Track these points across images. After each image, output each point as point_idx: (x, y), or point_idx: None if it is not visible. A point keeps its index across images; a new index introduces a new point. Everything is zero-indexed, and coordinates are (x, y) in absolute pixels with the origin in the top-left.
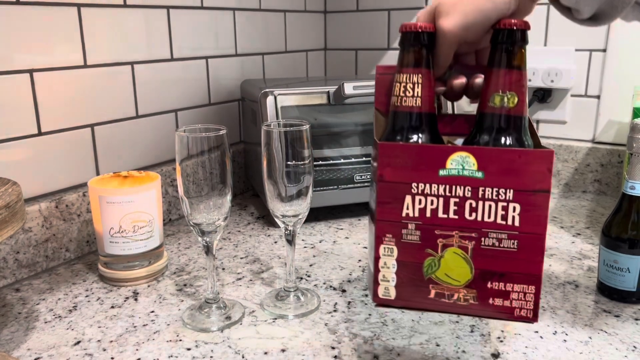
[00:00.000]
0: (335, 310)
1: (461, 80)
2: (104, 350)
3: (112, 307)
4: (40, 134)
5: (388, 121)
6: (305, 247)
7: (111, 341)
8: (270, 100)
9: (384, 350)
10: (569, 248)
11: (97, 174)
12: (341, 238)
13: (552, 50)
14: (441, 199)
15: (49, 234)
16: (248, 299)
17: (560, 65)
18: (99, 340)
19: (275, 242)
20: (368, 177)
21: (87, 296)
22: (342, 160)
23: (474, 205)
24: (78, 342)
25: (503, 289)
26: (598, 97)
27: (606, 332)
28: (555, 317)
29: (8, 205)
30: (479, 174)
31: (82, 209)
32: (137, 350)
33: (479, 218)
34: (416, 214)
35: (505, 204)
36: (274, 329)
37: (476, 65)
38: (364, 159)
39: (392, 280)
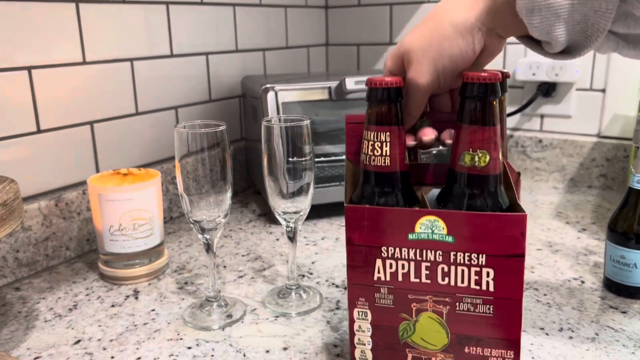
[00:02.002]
0: (337, 308)
1: (430, 137)
2: (104, 349)
3: (113, 305)
4: (39, 131)
5: (359, 175)
6: (307, 244)
7: (111, 340)
8: (271, 96)
9: None
10: (575, 244)
11: (97, 171)
12: (343, 235)
13: None
14: (412, 263)
15: (49, 233)
16: (249, 297)
17: None
18: (99, 339)
19: (277, 240)
20: None
21: (87, 295)
22: (343, 157)
23: (446, 269)
24: (78, 341)
25: (481, 354)
26: (603, 90)
27: (613, 329)
28: (561, 314)
29: (5, 203)
30: (450, 239)
31: (82, 207)
32: (137, 349)
33: (452, 283)
34: (388, 278)
35: (478, 268)
36: (275, 327)
37: (449, 112)
38: None
39: (367, 343)
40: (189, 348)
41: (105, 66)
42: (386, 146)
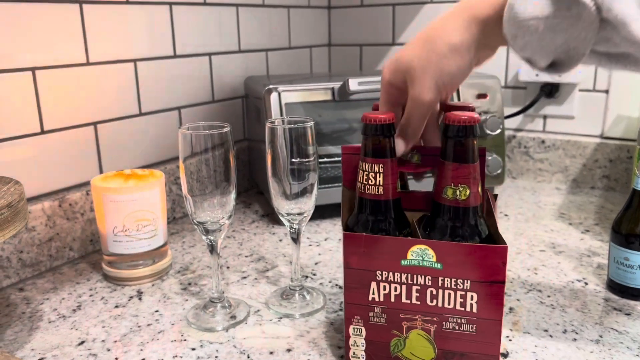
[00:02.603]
0: (341, 310)
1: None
2: (108, 350)
3: (116, 306)
4: (42, 132)
5: (354, 201)
6: (310, 245)
7: (115, 341)
8: (274, 96)
9: None
10: (578, 245)
11: (101, 172)
12: None
13: None
14: (404, 286)
15: (53, 233)
16: (253, 298)
17: None
18: (103, 340)
19: (280, 240)
20: None
21: (91, 295)
22: None
23: (434, 292)
24: (82, 342)
25: None
26: (606, 91)
27: (617, 331)
28: (564, 315)
29: (10, 205)
30: (438, 265)
31: (86, 208)
32: (141, 350)
33: (440, 304)
34: (381, 299)
35: (463, 292)
36: (279, 328)
37: (439, 146)
38: None
39: (361, 357)
40: (193, 349)
41: (109, 67)
42: (380, 176)
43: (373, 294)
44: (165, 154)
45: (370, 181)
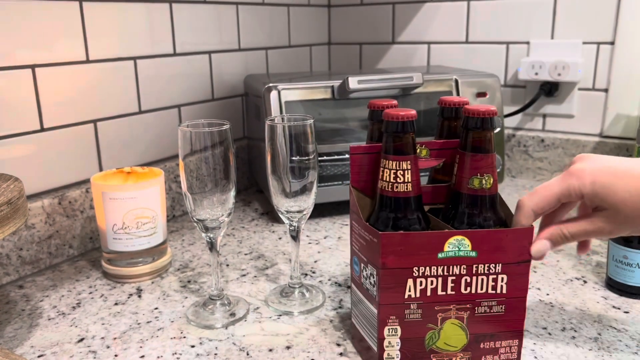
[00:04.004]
0: (340, 307)
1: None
2: (108, 347)
3: (116, 304)
4: (42, 129)
5: (374, 202)
6: (309, 243)
7: (115, 338)
8: (274, 95)
9: None
10: (577, 243)
11: (100, 170)
12: (346, 234)
13: (559, 43)
14: (440, 279)
15: (52, 231)
16: (252, 296)
17: (568, 59)
18: (102, 337)
19: (280, 238)
20: None
21: (90, 293)
22: (346, 156)
23: (468, 280)
24: (82, 339)
25: (493, 346)
26: (606, 90)
27: (615, 329)
28: (563, 313)
29: (10, 202)
30: (473, 253)
31: (85, 206)
32: (140, 347)
33: (473, 291)
34: (418, 295)
35: (495, 276)
36: (278, 325)
37: (444, 141)
38: None
39: (396, 357)
40: (192, 347)
41: (109, 65)
42: (408, 174)
43: (409, 291)
44: (165, 152)
45: (398, 179)
